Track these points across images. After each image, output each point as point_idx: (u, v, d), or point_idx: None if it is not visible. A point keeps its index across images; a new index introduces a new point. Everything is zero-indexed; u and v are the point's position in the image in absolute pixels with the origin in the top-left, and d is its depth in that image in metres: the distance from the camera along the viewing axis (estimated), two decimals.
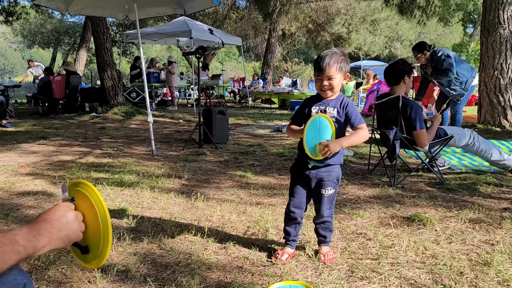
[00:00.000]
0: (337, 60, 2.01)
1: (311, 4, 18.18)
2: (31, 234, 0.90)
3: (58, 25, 32.59)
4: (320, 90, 2.09)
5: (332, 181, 2.14)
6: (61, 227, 0.97)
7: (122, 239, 2.44)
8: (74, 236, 1.01)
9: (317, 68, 2.04)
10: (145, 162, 4.78)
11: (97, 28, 10.08)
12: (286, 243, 2.26)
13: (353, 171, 4.39)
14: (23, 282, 0.91)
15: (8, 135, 6.92)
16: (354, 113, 2.08)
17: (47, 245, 0.93)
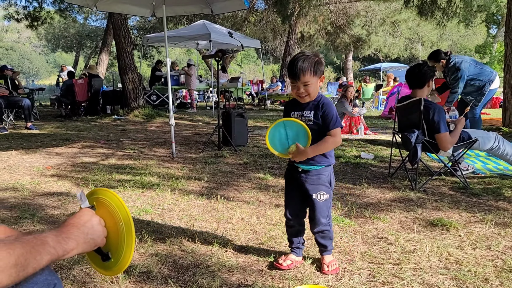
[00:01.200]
0: (311, 64, 1.92)
1: (330, 6, 18.09)
2: (60, 237, 0.93)
3: (80, 29, 33.34)
4: (297, 97, 2.01)
5: (324, 185, 2.04)
6: (87, 231, 1.00)
7: (143, 240, 2.47)
8: (99, 240, 1.04)
9: (291, 74, 1.96)
10: (165, 164, 4.83)
11: (118, 31, 10.25)
12: (292, 250, 2.20)
13: (374, 174, 4.34)
14: (53, 282, 0.94)
15: (33, 137, 7.09)
16: (330, 116, 1.97)
17: (75, 248, 0.96)
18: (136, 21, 27.10)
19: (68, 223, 1.00)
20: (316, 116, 1.99)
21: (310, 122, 2.00)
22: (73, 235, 0.96)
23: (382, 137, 7.06)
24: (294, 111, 2.06)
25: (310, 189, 2.05)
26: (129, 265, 2.08)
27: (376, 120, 10.45)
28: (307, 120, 2.00)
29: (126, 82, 10.36)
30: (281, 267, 2.09)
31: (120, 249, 1.07)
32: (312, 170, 2.05)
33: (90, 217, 1.04)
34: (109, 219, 1.08)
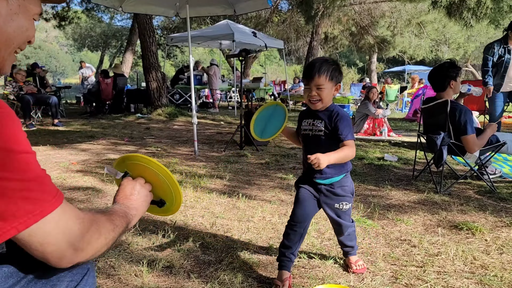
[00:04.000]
0: (328, 68, 1.84)
1: (355, 7, 17.90)
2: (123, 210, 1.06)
3: (106, 29, 34.01)
4: (309, 102, 1.90)
5: (347, 196, 1.97)
6: (136, 197, 1.13)
7: (166, 236, 2.51)
8: (148, 197, 1.18)
9: (306, 75, 1.87)
10: (188, 162, 4.88)
11: (143, 31, 10.41)
12: (281, 264, 1.96)
13: (397, 176, 4.28)
14: (87, 267, 0.98)
15: (59, 134, 7.28)
16: (343, 126, 1.85)
17: (136, 213, 1.10)
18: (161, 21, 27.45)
19: (118, 199, 1.11)
20: (327, 127, 1.89)
21: (321, 132, 1.90)
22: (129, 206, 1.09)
23: (406, 139, 6.95)
24: (306, 120, 1.98)
25: (333, 199, 1.96)
26: (152, 259, 2.13)
27: (400, 122, 10.30)
28: (317, 130, 1.91)
29: (150, 81, 10.51)
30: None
31: (168, 192, 1.21)
32: (333, 183, 1.95)
33: (132, 185, 1.15)
34: (146, 173, 1.19)
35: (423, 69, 24.58)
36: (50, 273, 0.90)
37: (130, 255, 2.23)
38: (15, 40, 0.87)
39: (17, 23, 0.86)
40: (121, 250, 2.29)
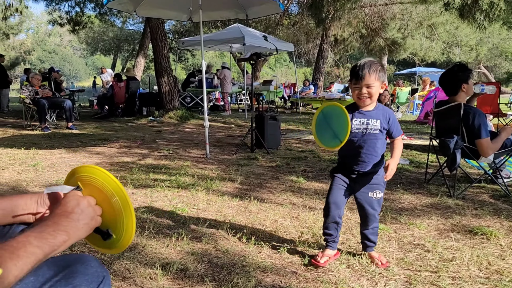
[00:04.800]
0: (376, 69, 1.99)
1: (365, 9, 17.85)
2: (46, 232, 0.85)
3: (118, 33, 34.41)
4: (358, 99, 2.06)
5: (380, 184, 2.14)
6: (77, 217, 0.91)
7: (180, 238, 2.53)
8: (93, 222, 0.96)
9: (355, 76, 2.02)
10: (199, 165, 4.91)
11: (155, 35, 10.51)
12: (327, 244, 2.24)
13: (409, 180, 4.26)
14: (102, 275, 0.96)
15: (73, 137, 7.38)
16: (395, 126, 2.11)
17: (67, 239, 0.87)
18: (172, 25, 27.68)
19: (54, 213, 0.91)
20: (382, 125, 2.08)
21: (376, 131, 2.07)
22: (61, 226, 0.88)
23: (417, 142, 6.91)
24: (357, 118, 2.09)
25: (367, 187, 2.14)
26: (166, 262, 2.15)
27: (411, 125, 10.23)
28: (373, 129, 2.06)
29: (162, 84, 10.60)
30: (318, 264, 2.14)
31: (120, 223, 0.99)
32: (368, 172, 2.13)
33: (77, 201, 0.94)
34: (99, 195, 0.99)
35: (434, 71, 24.37)
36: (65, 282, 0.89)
37: (145, 258, 2.25)
38: None
39: None
40: (135, 252, 2.32)
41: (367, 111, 2.08)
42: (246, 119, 11.29)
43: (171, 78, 10.70)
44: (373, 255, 2.25)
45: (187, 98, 13.18)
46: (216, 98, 16.76)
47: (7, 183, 3.94)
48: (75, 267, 0.92)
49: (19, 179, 4.10)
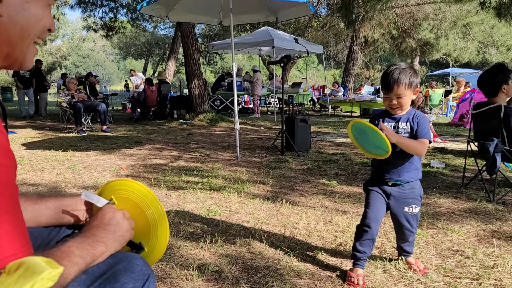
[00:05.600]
0: (406, 77, 1.90)
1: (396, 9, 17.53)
2: (86, 243, 0.87)
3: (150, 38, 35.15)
4: (389, 108, 2.01)
5: (417, 199, 2.06)
6: (114, 229, 0.95)
7: (214, 240, 2.56)
8: (128, 234, 0.98)
9: (385, 86, 1.96)
10: (230, 168, 4.94)
11: (186, 39, 10.68)
12: (356, 263, 2.06)
13: (445, 184, 4.14)
14: (148, 273, 0.97)
15: (108, 139, 7.58)
16: (423, 125, 1.96)
17: (105, 251, 0.91)
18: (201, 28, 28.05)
19: (92, 225, 0.94)
20: (412, 128, 1.98)
21: (407, 134, 1.98)
22: (99, 237, 0.91)
23: (452, 145, 6.71)
24: (387, 121, 2.03)
25: (402, 202, 2.04)
26: (202, 264, 2.18)
27: (446, 127, 9.95)
28: (404, 132, 1.98)
29: (192, 88, 10.75)
30: (360, 287, 1.98)
31: (153, 236, 1.01)
32: (404, 184, 2.03)
33: (113, 213, 0.97)
34: (132, 208, 1.01)
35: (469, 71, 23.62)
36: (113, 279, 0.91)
37: (180, 259, 2.29)
38: (31, 31, 0.81)
39: (30, 12, 0.79)
40: (171, 253, 2.35)
41: (398, 115, 2.03)
42: (275, 121, 11.29)
43: (201, 81, 10.83)
44: (410, 261, 2.19)
45: (217, 101, 13.32)
46: (245, 101, 16.84)
47: (47, 184, 4.08)
48: (122, 265, 0.94)
49: (57, 180, 4.25)
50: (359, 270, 2.04)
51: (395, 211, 2.06)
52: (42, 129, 9.29)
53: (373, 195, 2.08)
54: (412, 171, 2.00)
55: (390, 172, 2.02)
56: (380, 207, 2.06)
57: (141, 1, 6.40)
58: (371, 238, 2.05)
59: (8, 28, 0.76)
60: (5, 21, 0.76)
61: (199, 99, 10.82)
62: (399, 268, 2.17)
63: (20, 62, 0.83)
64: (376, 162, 2.07)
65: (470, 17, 18.56)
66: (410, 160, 2.00)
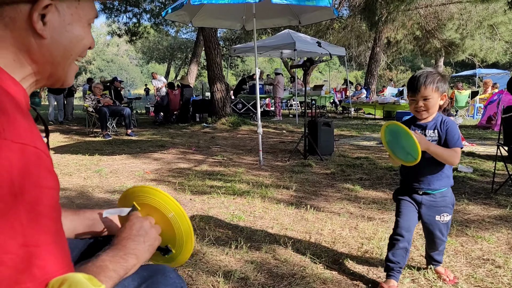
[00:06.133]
0: (433, 80, 1.88)
1: (420, 10, 17.23)
2: (118, 256, 0.87)
3: (172, 42, 35.60)
4: (415, 112, 1.96)
5: (448, 207, 2.01)
6: (142, 239, 0.94)
7: (239, 246, 2.56)
8: (156, 242, 0.99)
9: (411, 88, 1.93)
10: (253, 172, 4.96)
11: (209, 44, 10.77)
12: (390, 274, 2.01)
13: (474, 189, 4.04)
14: (181, 286, 1.00)
15: (133, 143, 7.71)
16: (452, 133, 1.91)
17: (137, 262, 0.91)
18: (223, 32, 28.24)
19: (121, 237, 0.93)
20: (440, 135, 1.94)
21: (435, 142, 1.93)
22: (130, 249, 0.91)
23: (480, 149, 6.55)
24: (413, 128, 1.99)
25: (433, 211, 2.00)
26: (227, 270, 2.19)
27: (473, 130, 9.72)
28: (431, 140, 1.93)
29: (214, 91, 10.83)
30: None
31: (179, 238, 1.02)
32: (435, 193, 1.99)
33: (140, 223, 0.97)
34: (156, 213, 1.02)
35: (496, 72, 23.02)
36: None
37: (206, 265, 2.31)
38: (72, 51, 0.84)
39: (72, 33, 0.82)
40: (197, 259, 2.38)
41: (425, 122, 1.98)
42: (298, 124, 11.25)
43: (223, 85, 10.90)
44: (439, 270, 2.15)
45: (239, 104, 13.37)
46: (266, 104, 16.86)
47: (75, 188, 4.18)
48: (156, 277, 0.96)
49: (85, 184, 4.34)
50: (392, 282, 1.99)
51: (426, 219, 2.02)
52: (69, 133, 9.53)
53: (404, 204, 2.04)
54: (443, 179, 1.96)
55: (420, 181, 1.98)
56: (411, 216, 2.02)
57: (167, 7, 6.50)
58: (404, 247, 1.99)
59: (52, 49, 0.79)
60: (48, 43, 0.78)
61: (221, 103, 10.89)
62: (428, 278, 2.13)
63: (62, 80, 0.87)
64: (405, 171, 2.03)
65: (497, 17, 18.08)
66: (440, 169, 1.95)
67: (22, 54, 0.77)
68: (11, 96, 0.72)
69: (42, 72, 0.82)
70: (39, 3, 0.74)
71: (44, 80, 0.84)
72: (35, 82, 0.83)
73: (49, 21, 0.77)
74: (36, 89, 0.91)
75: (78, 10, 0.82)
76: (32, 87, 0.83)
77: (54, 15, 0.78)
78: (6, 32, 0.74)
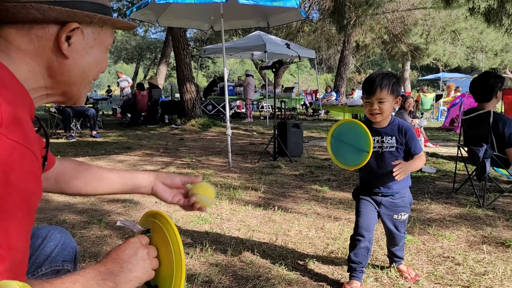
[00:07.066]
0: (389, 83, 1.86)
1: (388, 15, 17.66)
2: (94, 281, 0.80)
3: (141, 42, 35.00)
4: (369, 115, 1.94)
5: (406, 206, 2.06)
6: (130, 268, 0.86)
7: (204, 249, 2.52)
8: (145, 276, 0.89)
9: (367, 90, 1.89)
10: (222, 174, 4.92)
11: (178, 44, 10.65)
12: (352, 275, 2.01)
13: (437, 189, 4.15)
14: None
15: (97, 145, 7.51)
16: (414, 142, 1.96)
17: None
18: (193, 33, 28.01)
19: (111, 257, 0.87)
20: (398, 142, 1.96)
21: (393, 148, 1.95)
22: (112, 275, 0.83)
23: (443, 150, 6.75)
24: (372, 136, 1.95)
25: (392, 210, 2.04)
26: (191, 274, 2.14)
27: (437, 132, 10.02)
28: (389, 147, 1.95)
29: (184, 92, 10.71)
30: None
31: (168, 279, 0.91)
32: (395, 194, 2.02)
33: (136, 250, 0.89)
34: (164, 247, 0.92)
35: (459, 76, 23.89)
36: None
37: None
38: (90, 73, 0.88)
39: (92, 57, 0.87)
40: None
41: (381, 128, 1.97)
42: (268, 126, 11.28)
43: (193, 86, 10.80)
44: (401, 268, 2.18)
45: (209, 105, 13.28)
46: (237, 105, 16.83)
47: None
48: None
49: None
50: (355, 283, 1.99)
51: (384, 218, 2.06)
52: None
53: (364, 203, 2.06)
54: (401, 182, 1.97)
55: (380, 186, 2.01)
56: (371, 215, 2.03)
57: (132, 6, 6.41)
58: (366, 247, 2.00)
59: (71, 69, 0.84)
60: (69, 63, 0.83)
61: (190, 104, 10.79)
62: (391, 276, 2.16)
63: (75, 99, 0.91)
64: (364, 176, 2.05)
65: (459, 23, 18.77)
66: None
67: (40, 68, 0.81)
68: None
69: (56, 88, 0.86)
70: (68, 26, 0.79)
71: (57, 96, 0.88)
72: (46, 95, 0.86)
73: (74, 42, 0.82)
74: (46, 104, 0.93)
75: (100, 36, 0.87)
76: (43, 99, 0.87)
77: (79, 38, 0.83)
78: (28, 47, 0.78)
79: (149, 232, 0.97)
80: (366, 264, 2.05)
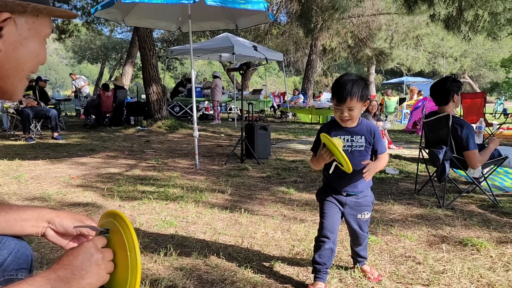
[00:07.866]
0: (359, 89, 1.88)
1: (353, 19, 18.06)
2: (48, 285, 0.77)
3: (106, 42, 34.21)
4: (340, 120, 1.97)
5: (369, 206, 2.11)
6: (83, 274, 0.82)
7: (168, 254, 2.48)
8: (99, 282, 0.85)
9: (337, 97, 1.91)
10: (188, 176, 4.86)
11: (144, 44, 10.47)
12: (317, 276, 2.03)
13: (399, 190, 4.26)
14: None
15: (59, 147, 7.26)
16: (381, 142, 2.04)
17: None
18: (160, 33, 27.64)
19: (62, 263, 0.82)
20: (367, 142, 2.01)
21: (362, 148, 1.99)
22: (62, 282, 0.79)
23: (406, 152, 6.95)
24: (340, 135, 1.98)
25: (356, 210, 2.07)
26: (154, 279, 2.10)
27: (400, 134, 10.31)
28: (358, 146, 1.99)
29: (150, 93, 10.54)
30: None
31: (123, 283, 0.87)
32: (358, 194, 2.06)
33: (89, 255, 0.85)
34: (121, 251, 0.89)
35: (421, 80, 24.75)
36: None
37: None
38: (25, 66, 0.82)
39: (28, 48, 0.81)
40: None
41: (351, 127, 2.01)
42: (236, 128, 11.26)
43: (159, 87, 10.64)
44: (365, 268, 2.22)
45: (176, 107, 13.12)
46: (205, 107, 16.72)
47: None
48: None
49: (0, 192, 4.00)
50: (320, 284, 2.01)
51: (348, 218, 2.09)
52: None
53: (328, 205, 2.07)
54: (365, 181, 2.03)
55: (345, 185, 2.04)
56: (335, 217, 2.06)
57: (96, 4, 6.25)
58: (330, 248, 2.03)
59: (5, 63, 0.78)
60: (1, 56, 0.77)
61: (157, 105, 10.62)
62: (355, 277, 2.19)
63: (10, 94, 0.85)
64: (330, 175, 2.05)
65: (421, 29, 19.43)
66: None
67: None
68: None
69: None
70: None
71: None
72: None
73: (6, 34, 0.76)
74: None
75: (36, 26, 0.81)
76: None
77: (12, 29, 0.77)
78: None
79: (108, 233, 0.95)
80: (330, 265, 2.08)
